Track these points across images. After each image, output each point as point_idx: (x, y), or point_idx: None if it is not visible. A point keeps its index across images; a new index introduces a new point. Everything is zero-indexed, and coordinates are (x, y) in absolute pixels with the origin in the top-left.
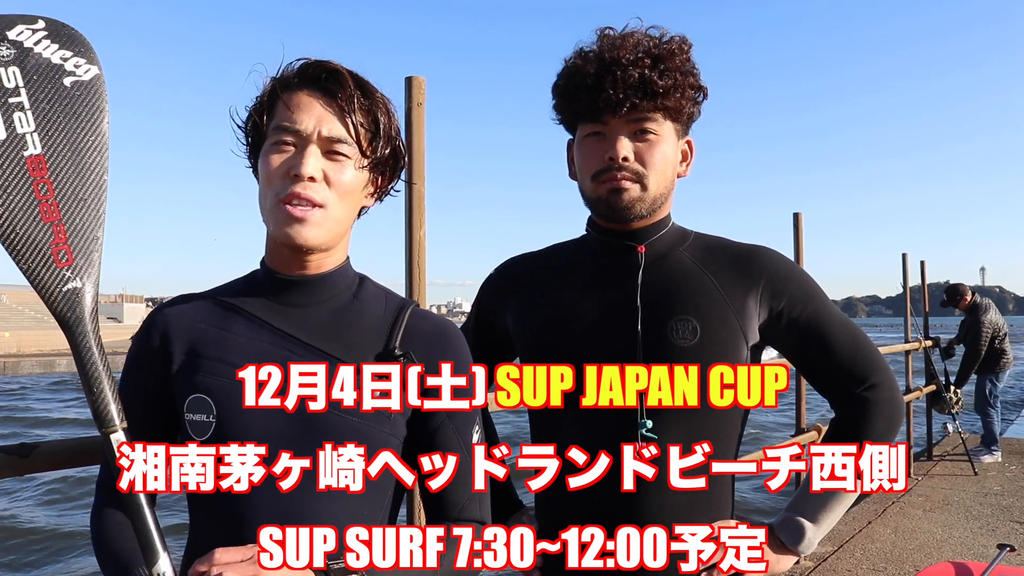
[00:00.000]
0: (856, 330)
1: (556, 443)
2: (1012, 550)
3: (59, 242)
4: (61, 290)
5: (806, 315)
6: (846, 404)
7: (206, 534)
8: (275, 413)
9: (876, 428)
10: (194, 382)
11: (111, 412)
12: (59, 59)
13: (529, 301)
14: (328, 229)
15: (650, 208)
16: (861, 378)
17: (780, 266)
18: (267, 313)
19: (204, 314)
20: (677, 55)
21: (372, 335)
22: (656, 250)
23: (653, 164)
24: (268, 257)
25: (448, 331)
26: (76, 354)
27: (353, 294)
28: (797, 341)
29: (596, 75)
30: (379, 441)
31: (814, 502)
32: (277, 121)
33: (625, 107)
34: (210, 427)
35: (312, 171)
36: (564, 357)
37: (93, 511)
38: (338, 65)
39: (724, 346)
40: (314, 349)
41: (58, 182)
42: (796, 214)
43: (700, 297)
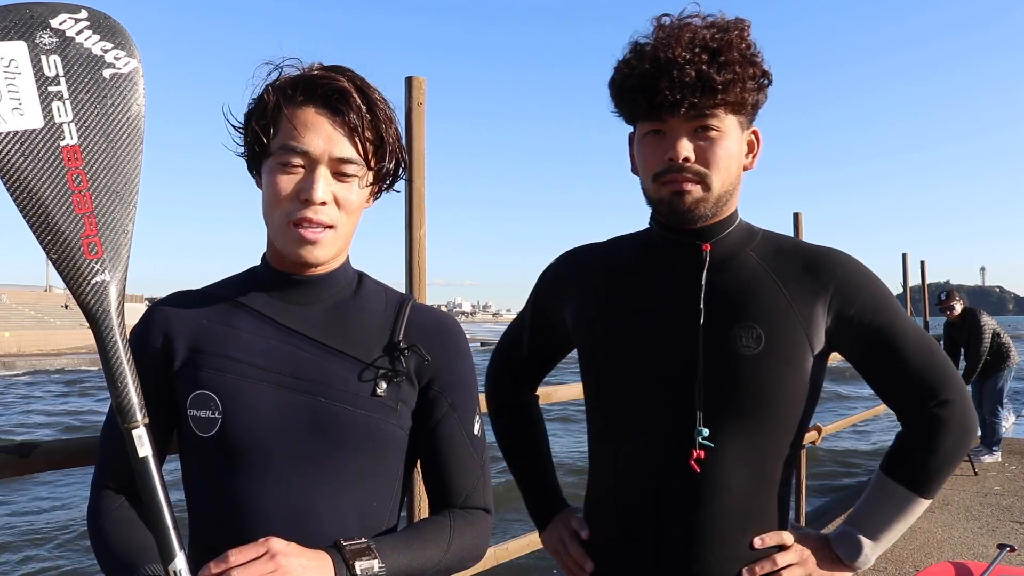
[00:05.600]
0: (931, 342)
1: (612, 446)
2: (1012, 550)
3: (90, 234)
4: (90, 282)
5: (877, 323)
6: (915, 419)
7: (210, 534)
8: (283, 408)
9: (945, 447)
10: (198, 379)
11: (133, 407)
12: (100, 50)
13: (588, 297)
14: (338, 246)
15: (714, 208)
16: (933, 393)
17: (852, 271)
18: (270, 309)
19: (206, 310)
20: (736, 45)
21: (375, 330)
22: (722, 249)
23: (716, 163)
24: (271, 257)
25: (448, 325)
26: (101, 347)
27: (354, 291)
28: (866, 349)
29: (651, 75)
30: (385, 433)
31: (875, 518)
32: (284, 140)
33: (684, 107)
34: (215, 423)
35: (324, 196)
36: (621, 360)
37: (90, 511)
38: (345, 82)
39: (788, 355)
40: (319, 344)
41: (92, 173)
42: (796, 214)
43: (766, 303)
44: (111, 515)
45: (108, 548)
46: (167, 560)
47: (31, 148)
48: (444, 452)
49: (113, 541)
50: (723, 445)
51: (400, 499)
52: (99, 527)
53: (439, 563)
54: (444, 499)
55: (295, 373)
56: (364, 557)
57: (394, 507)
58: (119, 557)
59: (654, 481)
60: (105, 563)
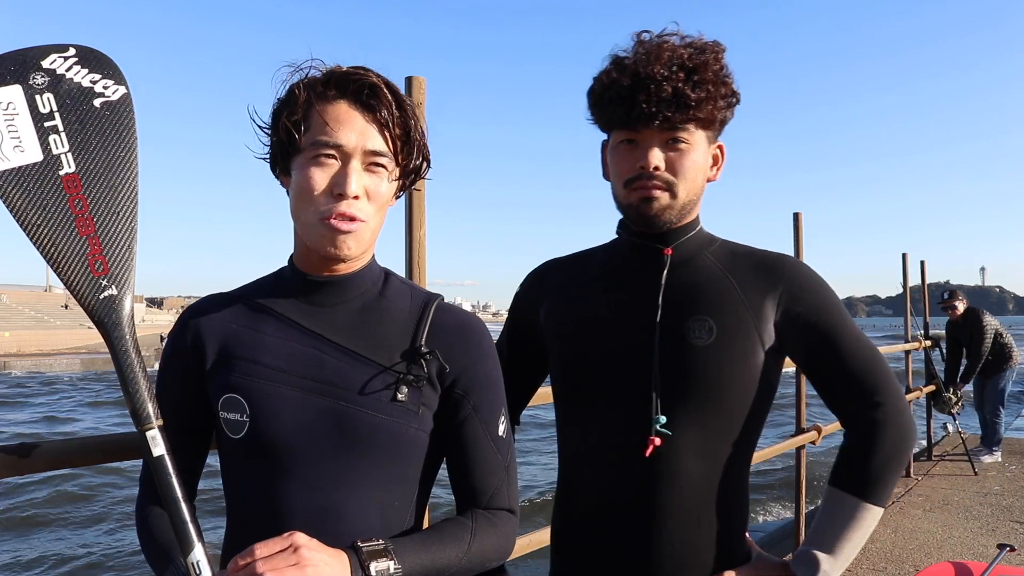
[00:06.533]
0: (870, 347)
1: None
2: (1012, 550)
3: (95, 253)
4: (98, 297)
5: (821, 324)
6: (854, 424)
7: (242, 529)
8: (307, 411)
9: (883, 449)
10: (227, 382)
11: (148, 411)
12: (89, 82)
13: (558, 301)
14: (367, 240)
15: (679, 215)
16: (868, 396)
17: (802, 274)
18: (296, 313)
19: (235, 314)
20: (711, 66)
21: (399, 332)
22: (682, 252)
23: (684, 173)
24: (297, 258)
25: (473, 325)
26: (114, 356)
27: (379, 291)
28: (809, 349)
29: (630, 88)
30: (407, 436)
31: (829, 532)
32: (317, 135)
33: (658, 120)
34: (244, 426)
35: (357, 190)
36: (585, 354)
37: (137, 504)
38: (376, 78)
39: (739, 347)
40: (342, 348)
41: (92, 197)
42: (796, 214)
43: (719, 298)
44: (153, 509)
45: (151, 537)
46: (186, 552)
47: (34, 181)
48: (467, 453)
49: (155, 530)
50: (678, 434)
51: (424, 499)
52: (143, 516)
53: (460, 563)
54: (468, 500)
55: (319, 377)
56: (380, 558)
57: (417, 507)
58: (160, 545)
59: (612, 470)
60: (147, 550)
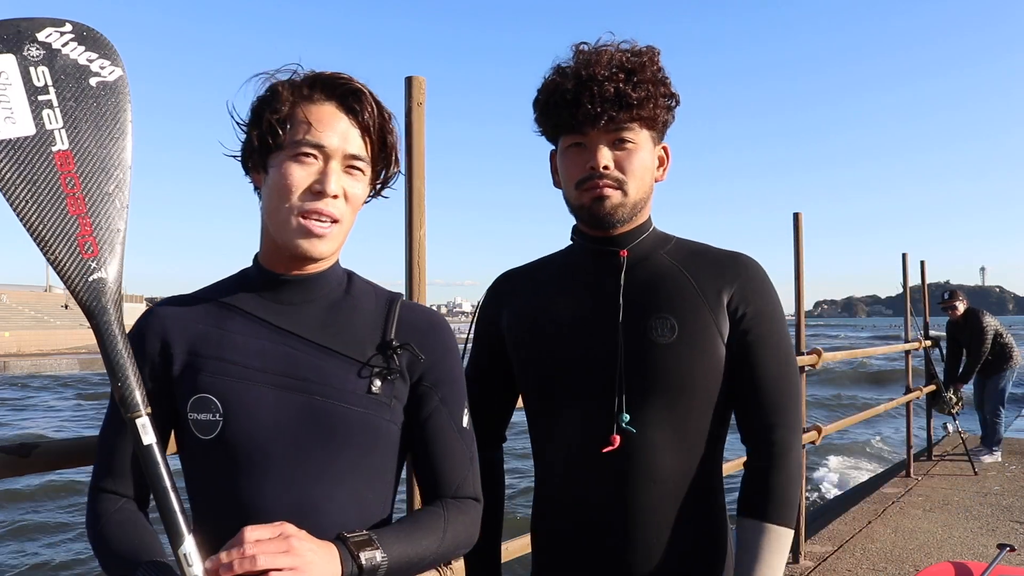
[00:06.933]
0: (791, 373)
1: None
2: (1012, 550)
3: (85, 234)
4: (86, 280)
5: (756, 332)
6: (753, 447)
7: (215, 531)
8: (283, 408)
9: (778, 493)
10: (197, 382)
11: (136, 398)
12: (85, 60)
13: (518, 308)
14: (339, 241)
15: (631, 213)
16: (770, 413)
17: (755, 276)
18: (264, 311)
19: (201, 314)
20: (648, 67)
21: (368, 328)
22: (637, 253)
23: (632, 171)
24: (264, 257)
25: (438, 322)
26: (100, 342)
27: (345, 290)
28: (739, 351)
29: (574, 91)
30: (380, 429)
31: (744, 564)
32: (300, 134)
33: (603, 119)
34: (217, 425)
35: (336, 189)
36: (549, 357)
37: (89, 516)
38: (360, 84)
39: (700, 342)
40: (313, 344)
41: (84, 176)
42: (796, 214)
43: (678, 295)
44: (111, 517)
45: (109, 549)
46: (176, 544)
47: (25, 154)
48: (435, 445)
49: (114, 542)
50: (647, 432)
51: (394, 491)
52: (99, 530)
53: (436, 552)
54: (436, 490)
55: (292, 373)
56: (367, 548)
57: (389, 499)
58: (120, 556)
59: (584, 471)
60: (106, 564)
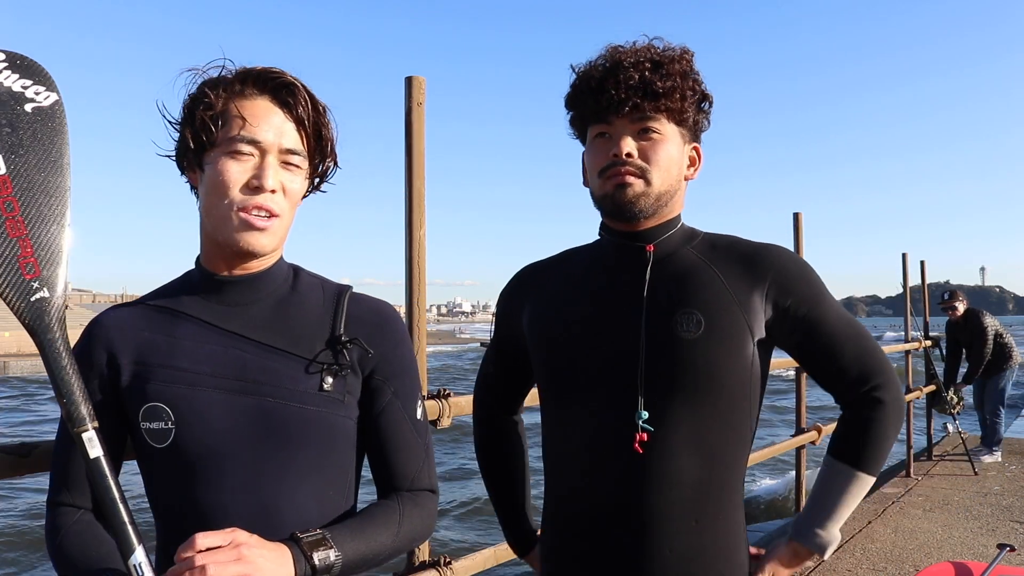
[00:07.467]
0: (861, 330)
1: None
2: (1012, 550)
3: (26, 255)
4: (29, 300)
5: (813, 315)
6: (850, 404)
7: (177, 538)
8: (235, 412)
9: (880, 429)
10: (147, 391)
11: (81, 412)
12: (19, 87)
13: (541, 303)
14: (280, 236)
15: (655, 205)
16: (864, 379)
17: (788, 264)
18: (210, 315)
19: (147, 322)
20: (677, 61)
21: (316, 324)
22: (664, 248)
23: (656, 160)
24: (205, 258)
25: (387, 313)
26: (45, 359)
27: (291, 286)
28: (802, 339)
29: (600, 78)
30: (335, 425)
31: (827, 499)
32: (235, 130)
33: (627, 107)
34: (169, 433)
35: (274, 184)
36: (571, 355)
37: (48, 530)
38: (293, 77)
39: (729, 339)
40: (262, 345)
41: (23, 199)
42: (796, 214)
43: (705, 291)
44: (69, 529)
45: (67, 561)
46: (126, 555)
47: None
48: (390, 438)
49: (73, 555)
50: (668, 431)
51: (355, 484)
52: (58, 543)
53: (391, 546)
54: (391, 483)
55: (242, 376)
56: (320, 548)
57: (350, 493)
58: (77, 568)
59: (600, 473)
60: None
